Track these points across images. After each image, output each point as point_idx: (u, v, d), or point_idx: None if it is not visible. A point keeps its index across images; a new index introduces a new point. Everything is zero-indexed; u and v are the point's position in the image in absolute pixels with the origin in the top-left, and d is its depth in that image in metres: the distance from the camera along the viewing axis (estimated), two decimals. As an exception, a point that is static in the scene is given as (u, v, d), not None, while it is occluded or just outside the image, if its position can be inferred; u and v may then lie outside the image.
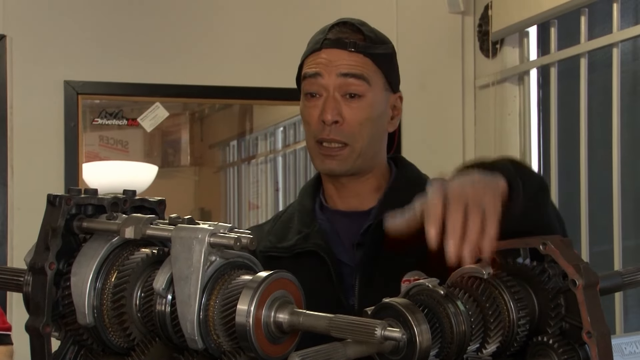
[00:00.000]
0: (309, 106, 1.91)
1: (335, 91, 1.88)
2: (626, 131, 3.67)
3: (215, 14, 4.37)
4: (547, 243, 1.36)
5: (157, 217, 1.24)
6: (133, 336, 1.21)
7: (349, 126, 1.87)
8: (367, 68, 1.89)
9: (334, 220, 1.96)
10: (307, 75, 1.91)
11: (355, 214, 1.94)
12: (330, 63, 1.88)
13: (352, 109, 1.88)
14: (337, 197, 1.97)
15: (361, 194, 1.95)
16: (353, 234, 1.91)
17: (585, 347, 1.31)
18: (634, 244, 3.64)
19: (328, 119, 1.86)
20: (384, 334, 1.07)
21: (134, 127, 4.34)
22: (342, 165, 1.89)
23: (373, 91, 1.90)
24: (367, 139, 1.90)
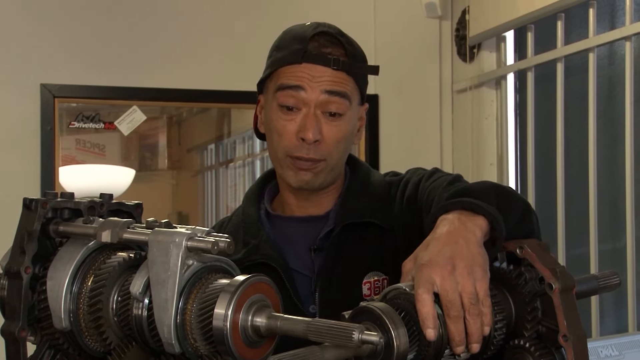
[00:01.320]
0: (285, 119, 1.83)
1: (316, 108, 1.81)
2: (602, 136, 3.69)
3: (193, 18, 4.36)
4: (523, 247, 1.36)
5: (134, 221, 1.23)
6: (109, 340, 1.20)
7: (327, 145, 1.82)
8: (349, 86, 1.84)
9: (286, 227, 1.92)
10: (287, 86, 1.82)
11: (312, 219, 1.90)
12: (313, 78, 1.80)
13: (331, 127, 1.82)
14: (296, 207, 1.92)
15: (322, 201, 1.92)
16: (309, 239, 1.87)
17: (561, 351, 1.32)
18: (610, 247, 3.66)
19: (310, 137, 1.79)
20: (361, 337, 1.07)
21: (111, 130, 4.32)
22: (316, 179, 1.85)
23: (351, 109, 1.86)
24: (341, 154, 1.87)
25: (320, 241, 1.86)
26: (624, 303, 3.46)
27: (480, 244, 1.37)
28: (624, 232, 3.47)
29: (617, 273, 1.50)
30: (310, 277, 1.84)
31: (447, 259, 1.31)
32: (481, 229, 1.39)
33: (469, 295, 1.29)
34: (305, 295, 1.83)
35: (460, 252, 1.33)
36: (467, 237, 1.36)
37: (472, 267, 1.31)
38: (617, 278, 1.49)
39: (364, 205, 1.87)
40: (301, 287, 1.83)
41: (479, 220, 1.41)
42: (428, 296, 1.26)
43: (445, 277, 1.29)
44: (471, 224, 1.39)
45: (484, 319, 1.29)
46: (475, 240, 1.36)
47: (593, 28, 3.68)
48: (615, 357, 2.08)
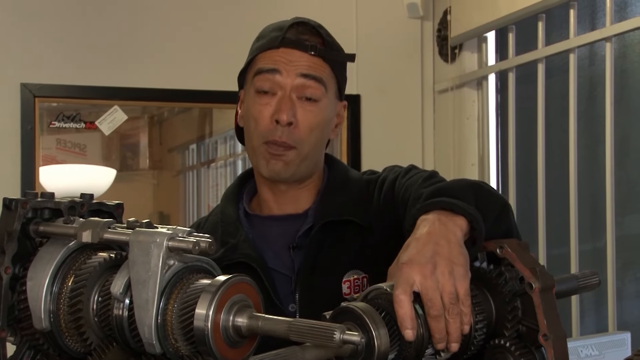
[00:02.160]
0: (261, 103, 1.84)
1: (292, 91, 1.83)
2: (583, 136, 3.70)
3: (174, 18, 4.35)
4: (503, 246, 1.37)
5: (115, 221, 1.23)
6: (90, 341, 1.20)
7: (300, 130, 1.83)
8: (325, 72, 1.86)
9: (264, 227, 1.91)
10: (263, 70, 1.84)
11: (291, 217, 1.90)
12: (289, 62, 1.83)
13: (306, 112, 1.83)
14: (274, 203, 1.92)
15: (299, 199, 1.92)
16: (288, 237, 1.87)
17: (541, 350, 1.32)
18: (590, 247, 3.68)
19: (283, 119, 1.81)
20: (343, 337, 1.07)
21: (92, 130, 4.30)
22: (287, 169, 1.85)
23: (327, 97, 1.87)
24: (313, 144, 1.87)
25: (299, 239, 1.86)
26: (604, 303, 3.47)
27: (461, 244, 1.38)
28: (604, 232, 3.48)
29: (596, 273, 1.51)
30: (290, 277, 1.84)
31: (427, 259, 1.32)
32: (461, 229, 1.40)
33: (448, 294, 1.29)
34: (285, 294, 1.83)
35: (441, 252, 1.33)
36: (448, 237, 1.37)
37: (452, 267, 1.32)
38: (597, 278, 1.50)
39: (342, 203, 1.87)
40: (280, 287, 1.83)
41: (459, 220, 1.41)
42: (405, 297, 1.27)
43: (425, 276, 1.30)
44: (452, 224, 1.40)
45: (464, 319, 1.29)
46: (456, 240, 1.37)
47: (574, 29, 3.69)
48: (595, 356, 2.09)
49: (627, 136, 3.50)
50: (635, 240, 3.40)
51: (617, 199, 3.45)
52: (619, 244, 3.44)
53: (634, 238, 3.43)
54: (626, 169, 3.50)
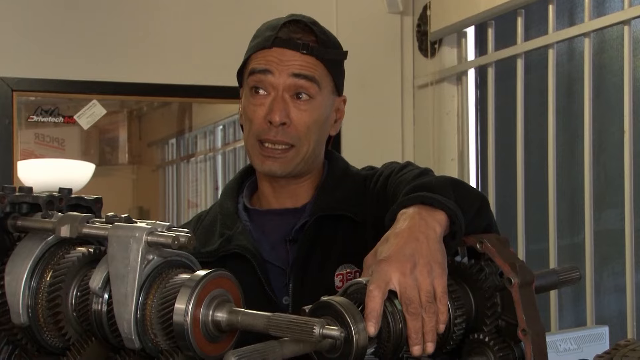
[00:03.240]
0: (255, 103, 1.86)
1: (285, 91, 1.84)
2: (561, 131, 3.72)
3: (154, 11, 4.33)
4: (483, 241, 1.37)
5: (94, 216, 1.23)
6: (68, 336, 1.19)
7: (296, 129, 1.84)
8: (318, 71, 1.86)
9: (262, 220, 1.93)
10: (256, 70, 1.86)
11: (288, 212, 1.92)
12: (281, 62, 1.84)
13: (300, 111, 1.84)
14: (273, 197, 1.94)
15: (298, 193, 1.94)
16: (285, 231, 1.89)
17: (520, 345, 1.33)
18: (569, 242, 3.69)
19: (276, 120, 1.82)
20: (322, 332, 1.07)
21: (71, 124, 4.28)
22: (285, 168, 1.86)
23: (322, 94, 1.87)
24: (312, 142, 1.88)
25: (296, 233, 1.88)
26: (583, 297, 3.49)
27: (439, 241, 1.38)
28: (582, 227, 3.50)
29: (577, 267, 1.51)
30: (284, 269, 1.85)
31: (407, 257, 1.32)
32: (441, 224, 1.41)
33: (426, 293, 1.30)
34: (279, 287, 1.84)
35: (420, 250, 1.34)
36: (427, 234, 1.37)
37: (431, 265, 1.32)
38: (578, 272, 1.51)
39: (338, 198, 1.89)
40: (275, 279, 1.84)
41: (439, 215, 1.42)
42: (378, 292, 1.27)
43: (404, 274, 1.30)
44: (431, 219, 1.41)
45: (440, 317, 1.30)
46: (435, 236, 1.38)
47: (552, 24, 3.70)
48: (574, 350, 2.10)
49: (605, 132, 3.52)
50: (613, 235, 3.42)
51: (595, 194, 3.47)
52: (597, 238, 3.46)
53: (611, 233, 3.45)
54: (604, 164, 3.52)
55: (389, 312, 1.26)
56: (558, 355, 2.06)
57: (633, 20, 3.30)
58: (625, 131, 3.29)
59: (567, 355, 2.06)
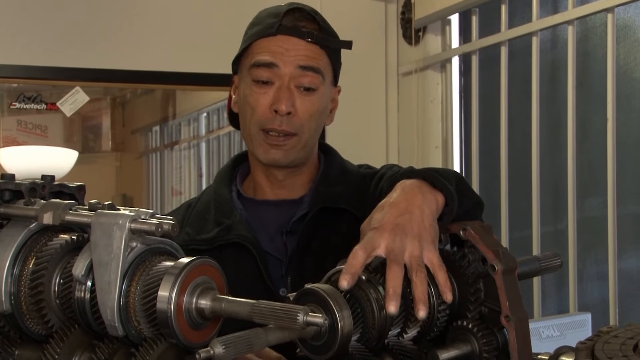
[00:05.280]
0: (259, 92, 1.84)
1: (291, 82, 1.83)
2: (545, 119, 3.73)
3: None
4: (467, 228, 1.38)
5: (77, 203, 1.22)
6: (51, 323, 1.19)
7: (299, 118, 1.83)
8: (322, 61, 1.86)
9: (258, 210, 1.91)
10: (261, 63, 1.83)
11: (285, 203, 1.91)
12: (287, 52, 1.82)
13: (304, 101, 1.84)
14: (269, 188, 1.93)
15: (294, 184, 1.93)
16: (282, 222, 1.88)
17: (503, 331, 1.33)
18: (552, 230, 3.70)
19: (282, 109, 1.81)
20: (306, 319, 1.07)
21: (54, 111, 4.26)
22: (288, 156, 1.86)
23: (324, 85, 1.88)
24: (313, 131, 1.88)
25: (294, 224, 1.87)
26: (565, 284, 3.51)
27: (434, 218, 1.40)
28: (565, 215, 3.51)
29: (558, 254, 1.52)
30: (282, 260, 1.85)
31: (399, 227, 1.34)
32: (437, 203, 1.43)
33: (416, 258, 1.31)
34: (277, 278, 1.83)
35: (413, 222, 1.36)
36: (423, 209, 1.39)
37: (422, 237, 1.34)
38: (559, 259, 1.51)
39: (339, 192, 1.88)
40: (273, 270, 1.83)
41: (438, 195, 1.45)
42: (362, 253, 1.29)
43: (393, 240, 1.32)
44: (430, 196, 1.43)
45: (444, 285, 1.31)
46: (430, 212, 1.40)
47: (536, 12, 3.71)
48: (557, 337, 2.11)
49: (588, 119, 3.53)
50: (596, 223, 3.44)
51: (578, 181, 3.48)
52: (580, 226, 3.47)
53: (594, 220, 3.47)
54: (587, 152, 3.53)
55: (373, 298, 1.26)
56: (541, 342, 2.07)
57: (616, 8, 3.31)
58: (608, 119, 3.30)
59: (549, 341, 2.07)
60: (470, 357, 1.32)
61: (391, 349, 1.30)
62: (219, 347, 1.05)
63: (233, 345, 1.06)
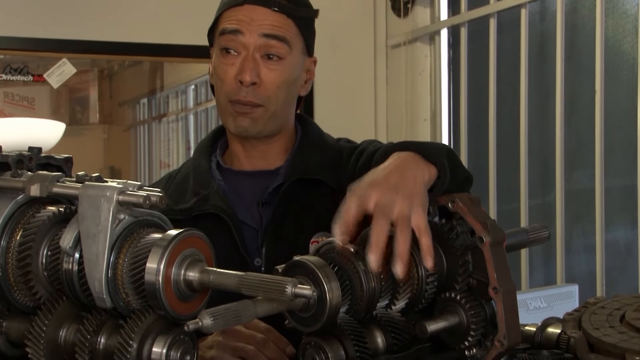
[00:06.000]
0: (225, 63, 1.85)
1: (255, 51, 1.83)
2: (533, 91, 3.73)
3: (124, -31, 4.28)
4: (455, 200, 1.37)
5: (64, 175, 1.22)
6: (39, 295, 1.19)
7: (265, 89, 1.83)
8: (290, 30, 1.85)
9: (236, 181, 1.92)
10: (226, 31, 1.84)
11: (261, 174, 1.91)
12: (252, 21, 1.82)
13: (270, 71, 1.84)
14: (244, 157, 1.93)
15: (269, 154, 1.93)
16: (258, 193, 1.88)
17: (491, 303, 1.33)
18: (540, 202, 3.72)
19: (246, 79, 1.81)
20: (294, 291, 1.07)
21: (40, 83, 4.23)
22: (255, 126, 1.86)
23: (292, 54, 1.87)
24: (281, 102, 1.87)
25: (269, 195, 1.87)
26: (553, 256, 3.52)
27: (426, 187, 1.41)
28: (553, 187, 3.52)
29: (546, 226, 1.52)
30: (258, 230, 1.85)
31: (391, 185, 1.35)
32: (430, 175, 1.44)
33: (403, 217, 1.31)
34: (252, 248, 1.84)
35: (405, 184, 1.36)
36: (416, 176, 1.40)
37: (413, 200, 1.34)
38: (547, 231, 1.51)
39: (315, 163, 1.88)
40: (249, 240, 1.84)
41: (431, 167, 1.45)
42: (354, 203, 1.31)
43: (384, 195, 1.32)
44: (424, 166, 1.44)
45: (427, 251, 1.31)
46: (423, 181, 1.41)
47: (525, -16, 3.70)
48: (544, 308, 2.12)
49: (576, 92, 3.53)
50: (584, 195, 3.45)
51: (566, 154, 3.48)
52: (568, 198, 3.48)
53: (582, 193, 3.48)
54: (575, 124, 3.54)
55: (362, 270, 1.26)
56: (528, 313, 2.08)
57: (605, -20, 3.31)
58: (597, 91, 3.30)
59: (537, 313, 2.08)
60: (458, 328, 1.32)
61: (379, 320, 1.31)
62: (208, 318, 1.05)
63: (221, 316, 1.06)
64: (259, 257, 1.83)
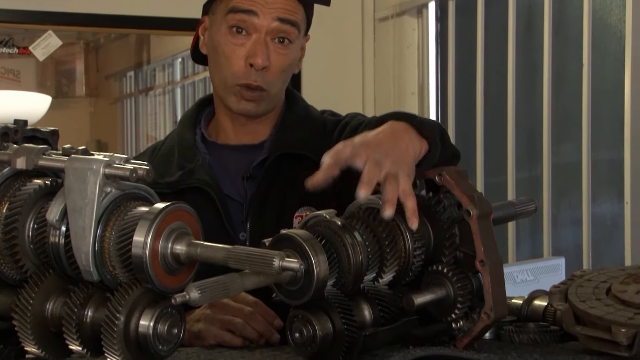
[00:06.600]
0: (234, 43, 1.82)
1: (267, 35, 1.81)
2: (521, 65, 3.72)
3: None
4: (442, 174, 1.38)
5: (50, 148, 1.21)
6: (26, 268, 1.19)
7: (272, 73, 1.82)
8: (299, 14, 1.84)
9: (221, 154, 1.91)
10: (239, 9, 1.80)
11: (246, 148, 1.90)
12: (266, 3, 1.79)
13: (279, 55, 1.82)
14: (232, 131, 1.92)
15: (257, 129, 1.92)
16: (243, 167, 1.87)
17: (478, 276, 1.34)
18: (527, 175, 3.72)
19: (259, 63, 1.79)
20: (281, 264, 1.08)
21: (26, 55, 4.20)
22: (258, 109, 1.85)
23: (299, 38, 1.86)
24: (282, 84, 1.87)
25: (253, 169, 1.86)
26: (540, 229, 3.54)
27: (415, 159, 1.43)
28: (540, 160, 3.53)
29: (533, 200, 1.52)
30: (243, 204, 1.84)
31: (382, 147, 1.37)
32: (421, 148, 1.46)
33: (391, 174, 1.33)
34: (237, 222, 1.83)
35: (396, 150, 1.38)
36: (408, 146, 1.42)
37: (400, 165, 1.36)
38: (533, 204, 1.52)
39: (300, 137, 1.87)
40: (234, 214, 1.83)
41: (423, 142, 1.47)
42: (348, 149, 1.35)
43: (374, 153, 1.35)
44: (416, 139, 1.45)
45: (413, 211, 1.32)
46: (413, 152, 1.43)
47: (514, -44, 3.69)
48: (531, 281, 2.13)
49: (564, 65, 3.53)
50: (570, 168, 3.45)
51: (553, 127, 3.49)
52: (555, 171, 3.49)
53: (569, 166, 3.48)
54: (562, 98, 3.54)
55: (349, 243, 1.26)
56: (515, 286, 2.09)
57: (594, -48, 3.30)
58: (584, 64, 3.30)
59: (523, 285, 2.09)
60: (445, 301, 1.33)
61: (367, 293, 1.31)
62: (195, 291, 1.05)
63: (209, 290, 1.07)
64: (244, 231, 1.82)
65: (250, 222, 1.82)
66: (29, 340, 1.17)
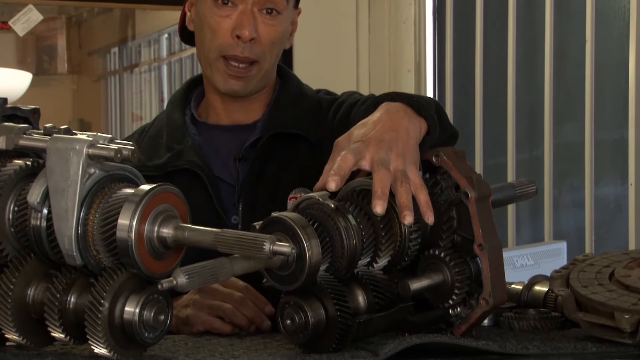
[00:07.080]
0: (220, 15, 1.78)
1: (254, 5, 1.77)
2: (521, 42, 3.69)
3: None
4: (440, 154, 1.36)
5: (31, 127, 1.20)
6: (6, 252, 1.17)
7: (261, 44, 1.78)
8: None
9: (211, 135, 1.87)
10: None
11: (238, 128, 1.87)
12: None
13: (267, 26, 1.79)
14: (222, 111, 1.88)
15: (249, 108, 1.88)
16: (235, 148, 1.84)
17: (476, 260, 1.32)
18: (527, 156, 3.70)
19: (246, 35, 1.75)
20: (272, 248, 1.06)
21: (5, 31, 4.14)
22: (247, 86, 1.81)
23: (287, 9, 1.83)
24: (274, 58, 1.84)
25: (246, 150, 1.83)
26: (541, 212, 3.51)
27: (417, 142, 1.40)
28: (541, 141, 3.50)
29: (533, 181, 1.51)
30: (235, 187, 1.82)
31: (384, 142, 1.34)
32: (420, 129, 1.42)
33: (399, 171, 1.30)
34: (229, 205, 1.80)
35: (399, 140, 1.35)
36: (409, 130, 1.39)
37: (406, 156, 1.33)
38: (534, 186, 1.50)
39: (294, 116, 1.85)
40: (225, 197, 1.80)
41: (422, 121, 1.44)
42: (352, 157, 1.30)
43: (378, 152, 1.31)
44: (415, 120, 1.42)
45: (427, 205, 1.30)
46: (414, 135, 1.39)
47: None
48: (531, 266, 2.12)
49: (566, 41, 3.50)
50: (572, 149, 3.43)
51: (555, 106, 3.46)
52: (557, 152, 3.46)
53: (571, 146, 3.46)
54: (564, 75, 3.51)
55: (342, 227, 1.24)
56: (515, 271, 2.07)
57: None
58: (587, 40, 3.27)
59: (524, 270, 2.07)
60: (442, 286, 1.30)
61: (361, 278, 1.29)
62: (182, 277, 1.03)
63: (197, 275, 1.05)
64: (236, 215, 1.79)
65: (242, 204, 1.79)
66: (9, 327, 1.15)
